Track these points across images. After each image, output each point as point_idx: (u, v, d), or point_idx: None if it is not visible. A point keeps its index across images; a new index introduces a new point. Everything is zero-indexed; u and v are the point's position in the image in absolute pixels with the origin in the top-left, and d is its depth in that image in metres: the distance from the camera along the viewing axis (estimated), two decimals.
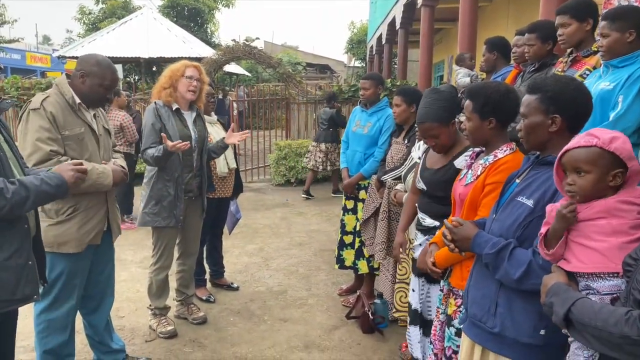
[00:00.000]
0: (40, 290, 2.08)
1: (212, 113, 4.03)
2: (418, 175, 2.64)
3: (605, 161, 1.42)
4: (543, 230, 1.53)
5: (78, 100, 2.54)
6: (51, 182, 1.93)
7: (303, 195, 7.98)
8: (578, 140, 1.46)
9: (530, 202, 1.66)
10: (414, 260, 2.72)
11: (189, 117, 3.41)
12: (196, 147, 3.39)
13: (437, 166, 2.54)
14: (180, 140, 3.13)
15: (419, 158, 2.72)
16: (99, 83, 2.56)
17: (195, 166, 3.41)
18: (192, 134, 3.34)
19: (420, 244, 2.67)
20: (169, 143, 3.10)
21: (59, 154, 2.44)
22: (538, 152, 1.78)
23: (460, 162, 2.40)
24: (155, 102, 3.29)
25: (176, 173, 3.27)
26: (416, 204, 2.71)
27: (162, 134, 3.15)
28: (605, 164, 1.42)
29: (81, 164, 2.11)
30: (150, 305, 3.52)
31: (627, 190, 1.44)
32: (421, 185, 2.59)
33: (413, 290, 2.68)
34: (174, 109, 3.30)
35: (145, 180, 3.37)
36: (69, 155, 2.48)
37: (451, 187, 2.32)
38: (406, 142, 3.48)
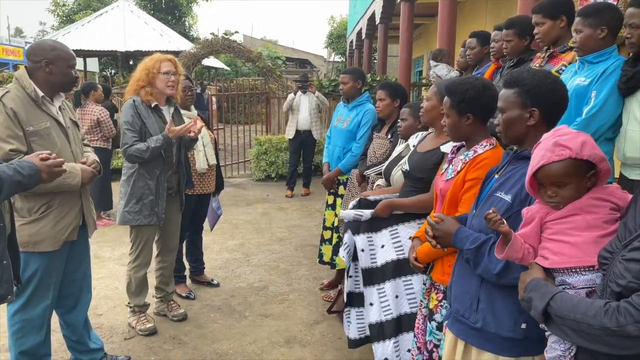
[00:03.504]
0: (14, 290, 2.03)
1: (192, 107, 3.96)
2: (406, 159, 2.66)
3: (581, 168, 1.44)
4: (520, 231, 1.55)
5: (41, 94, 2.45)
6: (24, 171, 1.88)
7: None
8: (549, 155, 1.44)
9: (508, 197, 1.68)
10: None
11: (167, 112, 3.35)
12: (175, 143, 3.32)
13: (425, 150, 2.57)
14: (193, 120, 3.20)
15: (414, 146, 2.74)
16: (66, 65, 2.49)
17: (175, 162, 3.36)
18: None
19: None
20: (174, 129, 3.08)
21: (21, 152, 2.33)
22: (516, 147, 1.80)
23: (446, 147, 2.41)
24: (133, 99, 3.21)
25: (157, 170, 3.22)
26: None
27: (169, 119, 3.18)
28: (582, 171, 1.44)
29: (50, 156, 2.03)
30: (129, 303, 3.47)
31: (598, 188, 1.47)
32: (405, 167, 2.61)
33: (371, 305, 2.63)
34: (152, 105, 3.24)
35: (123, 178, 3.29)
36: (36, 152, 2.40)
37: (433, 172, 2.33)
38: (389, 137, 3.49)
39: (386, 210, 2.61)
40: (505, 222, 1.53)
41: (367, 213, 2.64)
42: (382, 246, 2.63)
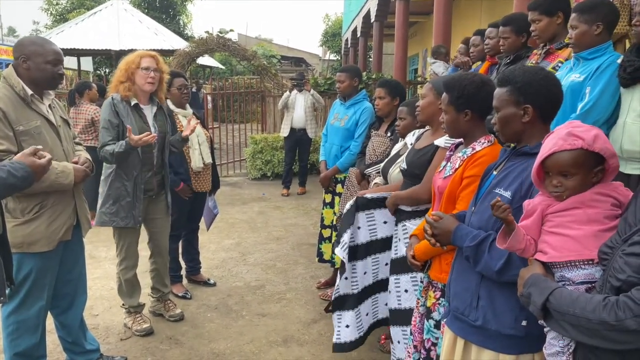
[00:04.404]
0: (7, 292, 2.00)
1: (187, 106, 3.94)
2: (403, 158, 2.67)
3: (590, 161, 1.44)
4: (521, 223, 1.55)
5: (30, 92, 2.40)
6: (17, 173, 1.84)
7: None
8: (561, 142, 1.44)
9: (507, 194, 1.68)
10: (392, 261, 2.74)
11: (149, 111, 3.25)
12: (156, 144, 3.23)
13: (421, 146, 2.57)
14: (148, 132, 3.00)
15: (411, 144, 2.74)
16: (43, 60, 2.41)
17: (156, 163, 3.27)
18: (152, 130, 3.19)
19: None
20: (134, 137, 2.93)
21: (11, 153, 2.28)
22: (514, 144, 1.80)
23: (440, 141, 2.41)
24: (112, 97, 3.13)
25: (135, 171, 3.13)
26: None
27: (127, 126, 3.00)
28: (590, 164, 1.44)
29: (37, 150, 1.98)
30: (123, 304, 3.45)
31: (603, 184, 1.47)
32: (403, 165, 2.62)
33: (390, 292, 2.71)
34: (132, 104, 3.15)
35: (102, 177, 3.22)
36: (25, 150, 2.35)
37: (428, 167, 2.33)
38: (389, 135, 3.48)
39: (391, 207, 2.66)
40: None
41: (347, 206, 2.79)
42: (385, 222, 2.75)
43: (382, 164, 3.18)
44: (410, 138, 2.90)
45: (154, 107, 3.30)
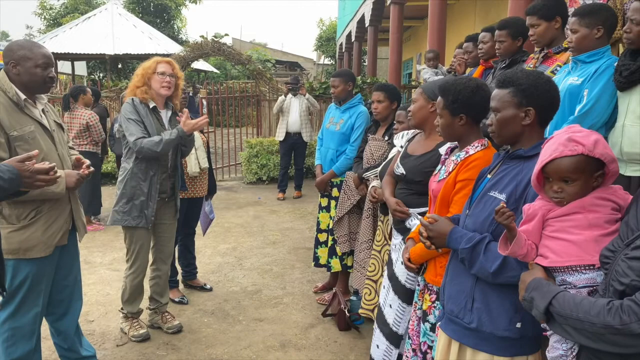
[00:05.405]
0: (0, 299, 1.97)
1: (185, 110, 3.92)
2: (398, 161, 2.64)
3: (591, 166, 1.44)
4: (522, 228, 1.55)
5: (23, 97, 2.38)
6: (4, 175, 1.82)
7: None
8: (562, 148, 1.44)
9: (502, 197, 1.68)
10: (390, 261, 2.72)
11: (165, 115, 3.31)
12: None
13: (419, 152, 2.54)
14: (204, 116, 3.21)
15: (402, 146, 2.73)
16: (32, 65, 2.38)
17: (170, 166, 3.30)
18: None
19: (394, 245, 2.67)
20: (190, 122, 3.09)
21: (2, 160, 2.23)
22: (508, 147, 1.80)
23: (445, 149, 2.40)
24: (132, 99, 3.18)
25: (151, 172, 3.17)
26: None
27: (185, 109, 3.20)
28: (591, 169, 1.44)
29: (30, 157, 1.95)
30: (121, 308, 3.42)
31: (602, 188, 1.47)
32: (400, 170, 2.57)
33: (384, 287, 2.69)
34: (150, 107, 3.21)
35: (119, 178, 3.25)
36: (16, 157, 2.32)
37: (431, 174, 2.33)
38: (386, 138, 3.48)
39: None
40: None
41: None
42: None
43: (379, 168, 3.17)
44: (399, 140, 2.89)
45: (169, 111, 3.35)
